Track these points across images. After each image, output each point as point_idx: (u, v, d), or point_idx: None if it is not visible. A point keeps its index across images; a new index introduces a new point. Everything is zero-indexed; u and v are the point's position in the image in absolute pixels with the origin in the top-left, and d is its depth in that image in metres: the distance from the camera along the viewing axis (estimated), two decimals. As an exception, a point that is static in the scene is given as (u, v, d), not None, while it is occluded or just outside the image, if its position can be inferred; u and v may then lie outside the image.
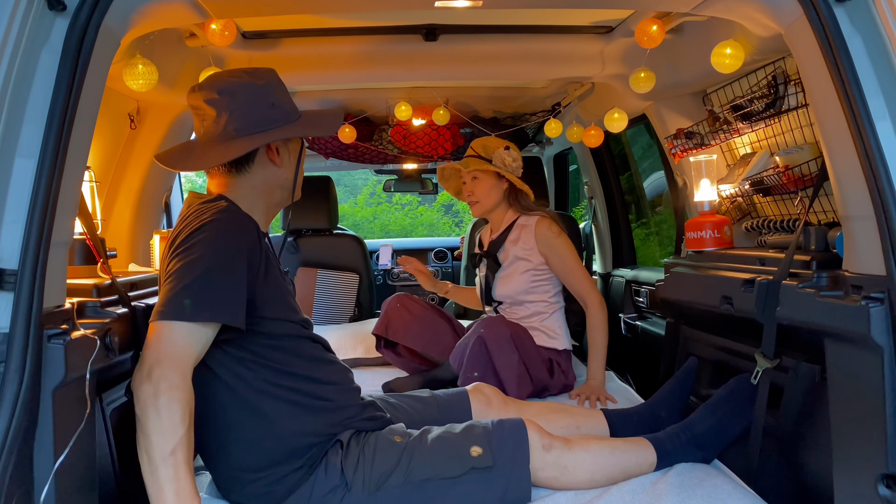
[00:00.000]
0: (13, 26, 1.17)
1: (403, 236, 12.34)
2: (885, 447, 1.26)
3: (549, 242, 2.55)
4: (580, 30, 2.53)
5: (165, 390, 1.33)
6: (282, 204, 1.71)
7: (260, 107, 1.57)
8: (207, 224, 1.46)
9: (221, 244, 1.45)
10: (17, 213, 1.20)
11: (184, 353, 1.38)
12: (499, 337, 2.30)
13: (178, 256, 1.44)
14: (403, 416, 1.82)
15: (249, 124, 1.56)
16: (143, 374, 1.36)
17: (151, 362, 1.36)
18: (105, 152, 2.37)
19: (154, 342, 1.38)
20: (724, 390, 1.92)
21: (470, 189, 2.66)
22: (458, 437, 1.63)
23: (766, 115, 2.10)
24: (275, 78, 1.63)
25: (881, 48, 1.29)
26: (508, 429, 1.65)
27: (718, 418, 1.84)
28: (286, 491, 1.55)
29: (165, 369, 1.34)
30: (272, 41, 2.52)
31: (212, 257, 1.43)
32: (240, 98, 1.55)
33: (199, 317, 1.40)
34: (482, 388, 2.02)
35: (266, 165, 1.63)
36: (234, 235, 1.48)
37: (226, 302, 1.42)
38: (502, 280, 2.62)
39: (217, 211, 1.50)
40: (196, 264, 1.42)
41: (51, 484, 1.21)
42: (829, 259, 1.67)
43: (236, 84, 1.57)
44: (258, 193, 1.64)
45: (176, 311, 1.38)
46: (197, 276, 1.41)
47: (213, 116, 1.56)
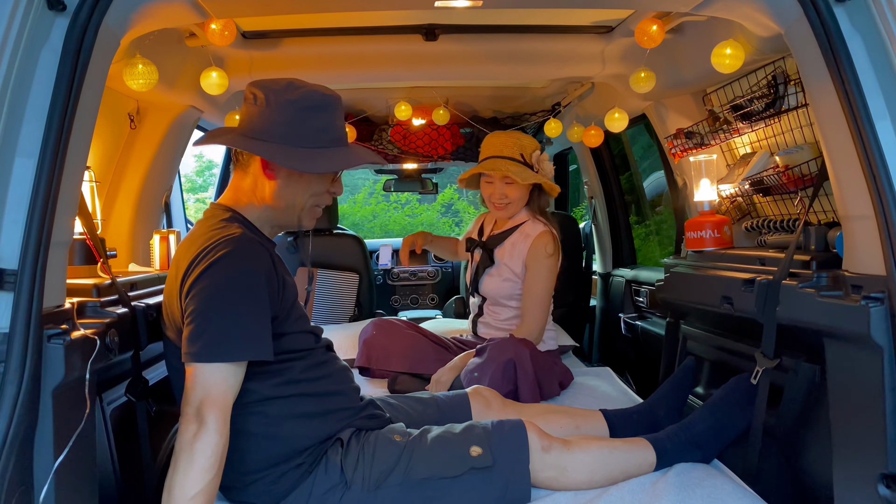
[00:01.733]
0: (13, 26, 1.17)
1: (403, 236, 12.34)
2: (885, 447, 1.26)
3: (537, 258, 2.51)
4: (580, 30, 2.53)
5: (205, 434, 1.36)
6: (286, 226, 1.69)
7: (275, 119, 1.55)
8: (224, 255, 1.45)
9: (243, 276, 1.46)
10: (16, 212, 1.20)
11: (226, 394, 1.41)
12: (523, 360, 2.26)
13: (199, 291, 1.43)
14: (403, 417, 1.82)
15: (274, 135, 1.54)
16: (191, 412, 1.38)
17: (199, 403, 1.38)
18: (105, 152, 2.37)
19: (198, 384, 1.39)
20: (724, 390, 1.91)
21: (503, 192, 2.56)
22: (458, 437, 1.63)
23: (766, 115, 2.10)
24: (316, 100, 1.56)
25: (881, 48, 1.29)
26: (508, 429, 1.66)
27: (718, 418, 1.84)
28: (286, 489, 1.55)
29: (211, 411, 1.37)
30: (272, 41, 2.52)
31: (235, 292, 1.44)
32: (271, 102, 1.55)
33: (235, 356, 1.42)
34: (481, 390, 2.02)
35: (259, 175, 1.60)
36: (253, 267, 1.48)
37: (256, 337, 1.44)
38: (490, 278, 2.62)
39: (232, 239, 1.49)
40: (221, 301, 1.43)
41: (51, 484, 1.21)
42: (829, 259, 1.67)
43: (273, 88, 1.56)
44: (261, 202, 1.63)
45: (211, 353, 1.40)
46: (224, 313, 1.42)
47: (249, 106, 1.59)
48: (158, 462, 1.89)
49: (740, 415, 1.85)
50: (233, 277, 1.45)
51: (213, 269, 1.44)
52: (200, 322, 1.41)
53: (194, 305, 1.43)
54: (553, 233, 2.55)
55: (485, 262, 2.63)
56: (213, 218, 1.60)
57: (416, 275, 4.89)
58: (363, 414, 1.69)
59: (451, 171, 14.47)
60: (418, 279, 4.90)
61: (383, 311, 4.16)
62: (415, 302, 4.88)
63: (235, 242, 1.49)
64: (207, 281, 1.44)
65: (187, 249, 1.53)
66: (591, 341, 4.19)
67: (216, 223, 1.57)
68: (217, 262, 1.45)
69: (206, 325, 1.41)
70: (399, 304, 4.86)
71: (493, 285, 2.60)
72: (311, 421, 1.59)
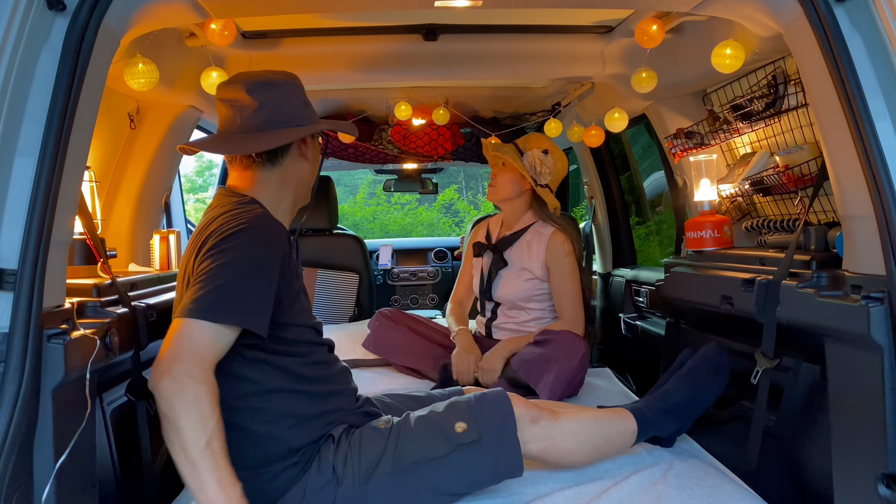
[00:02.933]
0: (13, 26, 1.17)
1: (403, 236, 12.34)
2: (885, 447, 1.26)
3: (557, 258, 2.51)
4: (580, 30, 2.53)
5: (190, 384, 1.33)
6: (300, 203, 1.73)
7: (296, 104, 1.64)
8: (245, 228, 1.47)
9: (258, 250, 1.46)
10: (16, 212, 1.20)
11: (205, 351, 1.38)
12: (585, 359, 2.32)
13: (211, 256, 1.44)
14: (397, 414, 1.82)
15: (287, 118, 1.62)
16: (162, 369, 1.34)
17: (171, 358, 1.35)
18: (105, 152, 2.37)
19: (175, 338, 1.37)
20: (696, 360, 1.94)
21: (495, 172, 2.63)
22: (442, 416, 1.62)
23: (766, 115, 2.10)
24: (299, 80, 1.69)
25: (881, 48, 1.29)
26: (491, 400, 1.64)
27: (692, 388, 1.87)
28: (281, 488, 1.55)
29: (186, 364, 1.34)
30: (272, 41, 2.52)
31: (247, 262, 1.44)
32: (279, 93, 1.62)
33: (225, 318, 1.40)
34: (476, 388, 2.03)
35: (297, 160, 1.66)
36: (271, 243, 1.49)
37: (253, 308, 1.43)
38: (506, 281, 2.59)
39: (255, 216, 1.51)
40: (230, 267, 1.42)
41: (51, 484, 1.21)
42: (829, 259, 1.67)
43: (276, 81, 1.63)
44: (286, 188, 1.66)
45: (202, 310, 1.38)
46: (230, 278, 1.41)
47: (252, 108, 1.60)
48: (158, 462, 1.89)
49: (713, 384, 1.89)
50: (247, 247, 1.45)
51: (231, 238, 1.45)
52: (205, 283, 1.40)
53: (202, 267, 1.43)
54: (567, 233, 2.56)
55: (497, 263, 2.61)
56: (229, 202, 1.59)
57: (416, 275, 4.89)
58: (359, 412, 1.69)
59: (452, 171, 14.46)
60: (418, 279, 4.90)
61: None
62: (415, 302, 4.88)
63: (260, 219, 1.51)
64: (222, 248, 1.44)
65: (203, 230, 1.53)
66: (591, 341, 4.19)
67: (234, 204, 1.57)
68: (237, 233, 1.46)
69: (208, 286, 1.40)
70: (399, 304, 4.86)
71: (513, 288, 2.57)
72: (308, 421, 1.58)
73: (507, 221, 2.70)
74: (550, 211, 2.59)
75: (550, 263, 2.53)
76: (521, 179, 2.57)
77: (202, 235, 1.51)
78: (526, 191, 2.59)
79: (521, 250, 2.59)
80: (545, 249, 2.54)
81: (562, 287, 2.53)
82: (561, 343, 2.30)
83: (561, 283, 2.53)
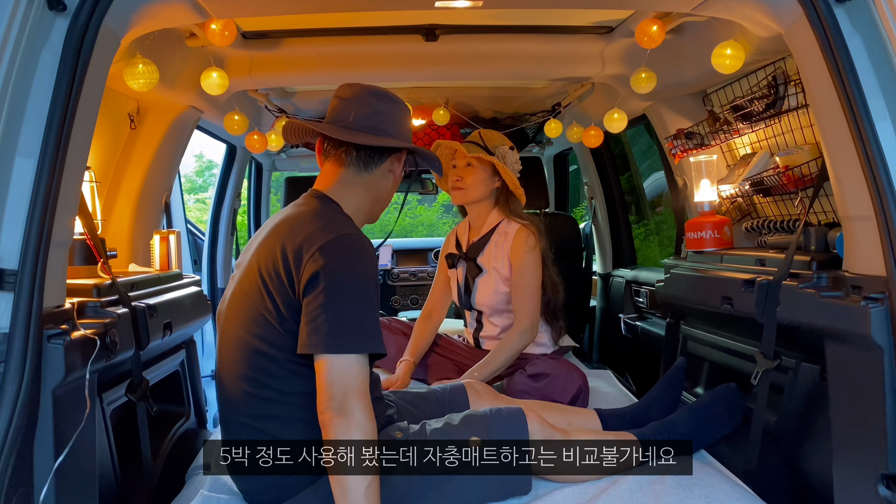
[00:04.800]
0: (13, 26, 1.17)
1: (403, 236, 12.33)
2: (885, 447, 1.26)
3: (520, 254, 2.46)
4: (580, 30, 2.53)
5: (356, 424, 1.36)
6: (370, 218, 1.74)
7: (404, 124, 1.69)
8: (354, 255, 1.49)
9: (369, 275, 1.49)
10: (16, 212, 1.20)
11: (364, 383, 1.41)
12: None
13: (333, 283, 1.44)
14: (405, 414, 1.82)
15: (394, 131, 1.65)
16: (335, 406, 1.38)
17: (342, 395, 1.38)
18: (105, 152, 2.37)
19: (338, 375, 1.39)
20: (709, 396, 1.96)
21: (459, 174, 2.51)
22: (457, 428, 1.63)
23: (767, 116, 2.10)
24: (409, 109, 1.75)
25: (881, 48, 1.29)
26: (506, 416, 1.66)
27: (700, 423, 1.89)
28: (295, 488, 1.55)
29: (356, 401, 1.38)
30: (272, 41, 2.52)
31: (364, 288, 1.47)
32: (395, 108, 1.67)
33: (369, 348, 1.43)
34: (474, 384, 2.04)
35: (386, 174, 1.68)
36: (373, 265, 1.53)
37: (379, 332, 1.47)
38: (483, 288, 2.55)
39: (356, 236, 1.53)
40: (357, 297, 1.45)
41: (51, 484, 1.21)
42: (829, 259, 1.67)
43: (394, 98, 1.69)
44: (367, 198, 1.67)
45: (348, 344, 1.41)
46: (359, 309, 1.44)
47: (371, 110, 1.63)
48: (158, 462, 1.89)
49: (722, 422, 1.91)
50: (363, 274, 1.48)
51: (345, 263, 1.46)
52: (335, 313, 1.42)
53: (326, 297, 1.43)
54: (531, 229, 2.49)
55: (472, 271, 2.56)
56: (322, 206, 1.61)
57: (416, 275, 4.88)
58: (383, 417, 1.68)
59: (451, 172, 14.16)
60: (418, 279, 4.89)
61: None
62: (415, 302, 4.88)
63: (360, 239, 1.53)
64: (342, 274, 1.45)
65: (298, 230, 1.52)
66: (590, 342, 4.19)
67: (328, 212, 1.59)
68: (349, 257, 1.47)
69: (341, 317, 1.42)
70: (399, 304, 4.86)
71: (491, 294, 2.53)
72: None
73: (473, 225, 2.63)
74: (521, 206, 2.55)
75: (513, 259, 2.48)
76: (491, 179, 2.51)
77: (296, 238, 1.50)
78: (494, 189, 2.53)
79: (491, 253, 2.54)
80: (511, 247, 2.49)
81: (518, 282, 2.46)
82: (556, 380, 2.28)
83: (518, 279, 2.46)
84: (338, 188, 1.64)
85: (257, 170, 4.40)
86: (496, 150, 2.50)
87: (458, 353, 2.65)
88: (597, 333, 4.09)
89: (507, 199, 2.54)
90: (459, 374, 2.50)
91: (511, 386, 2.32)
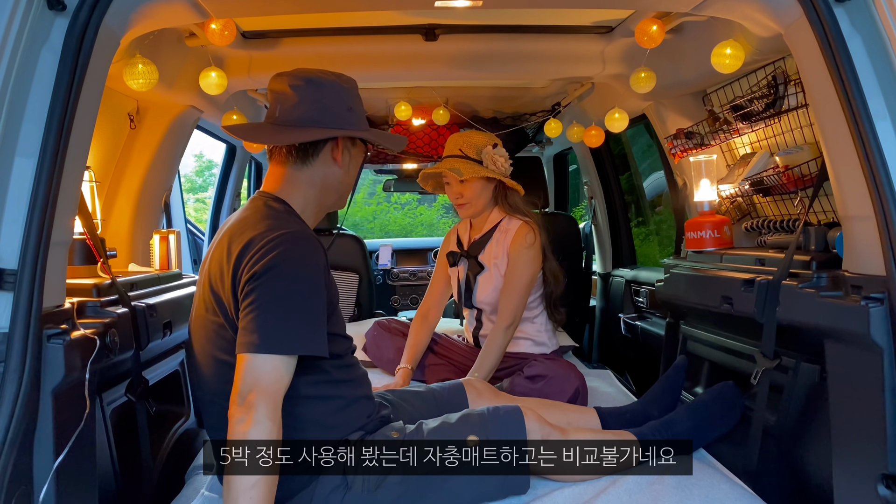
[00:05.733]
0: (13, 26, 1.17)
1: (403, 236, 12.33)
2: (885, 447, 1.26)
3: (517, 250, 2.46)
4: (580, 30, 2.53)
5: (256, 421, 1.34)
6: (331, 208, 1.72)
7: (338, 105, 1.61)
8: (288, 253, 1.45)
9: (306, 275, 1.46)
10: (16, 212, 1.20)
11: (276, 384, 1.39)
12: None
13: (264, 283, 1.42)
14: (402, 412, 1.82)
15: (325, 117, 1.59)
16: (238, 402, 1.37)
17: (246, 391, 1.37)
18: (105, 152, 2.37)
19: (248, 373, 1.38)
20: (708, 395, 1.97)
21: (458, 191, 2.52)
22: (454, 427, 1.63)
23: (766, 115, 2.10)
24: (356, 86, 1.66)
25: (881, 48, 1.29)
26: (504, 415, 1.65)
27: (697, 421, 1.90)
28: (291, 491, 1.55)
29: (262, 400, 1.36)
30: (272, 41, 2.52)
31: (298, 289, 1.44)
32: (321, 91, 1.60)
33: (292, 349, 1.41)
34: (473, 382, 2.04)
35: (328, 163, 1.63)
36: (315, 263, 1.48)
37: (314, 333, 1.44)
38: (484, 285, 2.55)
39: (295, 235, 1.49)
40: (285, 296, 1.42)
41: (51, 484, 1.21)
42: (829, 259, 1.67)
43: (323, 79, 1.61)
44: (314, 191, 1.64)
45: (270, 345, 1.39)
46: (287, 309, 1.42)
47: (293, 101, 1.59)
48: (158, 462, 1.89)
49: (721, 420, 1.92)
50: (297, 273, 1.45)
51: (279, 262, 1.44)
52: (261, 313, 1.41)
53: (255, 296, 1.42)
54: (532, 226, 2.50)
55: (474, 269, 2.57)
56: (266, 207, 1.59)
57: (416, 275, 4.89)
58: (374, 416, 1.68)
59: (451, 172, 14.12)
60: (418, 279, 4.89)
61: (383, 312, 4.16)
62: (415, 302, 4.87)
63: (297, 236, 1.49)
64: (273, 273, 1.43)
65: (240, 235, 1.51)
66: (590, 341, 4.19)
67: (271, 213, 1.56)
68: (282, 256, 1.44)
69: (266, 317, 1.40)
70: (399, 304, 4.86)
71: (489, 292, 2.53)
72: (332, 428, 1.58)
73: (475, 224, 2.64)
74: (520, 198, 2.55)
75: (511, 255, 2.48)
76: (487, 182, 2.51)
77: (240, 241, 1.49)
78: (492, 189, 2.54)
79: (492, 251, 2.54)
80: (510, 244, 2.49)
81: (510, 276, 2.47)
82: (553, 381, 2.29)
83: (510, 273, 2.47)
84: (283, 187, 1.62)
85: (257, 169, 4.40)
86: (481, 154, 2.49)
87: (458, 353, 2.66)
88: (596, 333, 4.09)
89: (506, 195, 2.55)
90: (458, 374, 2.50)
91: (509, 388, 2.33)
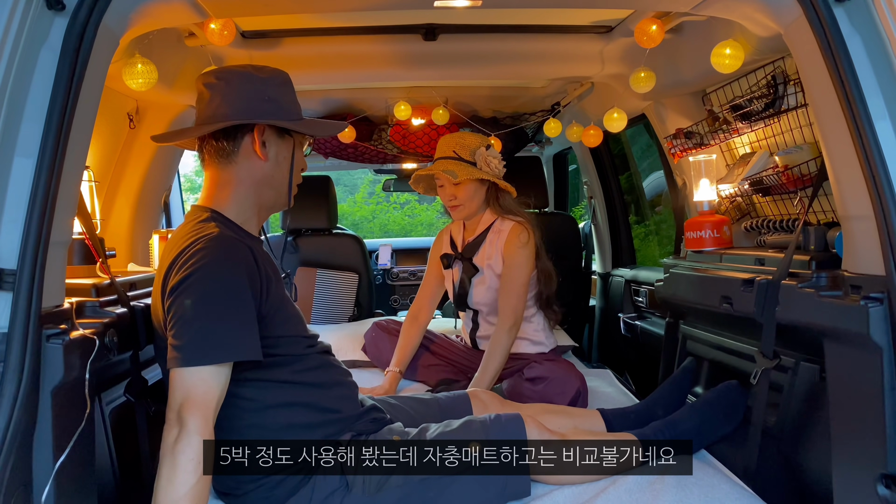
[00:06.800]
0: (12, 25, 1.17)
1: (402, 236, 12.33)
2: (885, 447, 1.26)
3: (512, 250, 2.45)
4: (580, 30, 2.53)
5: (185, 435, 1.32)
6: (275, 207, 1.67)
7: (253, 97, 1.56)
8: (202, 259, 1.42)
9: (223, 278, 1.42)
10: (15, 212, 1.20)
11: (207, 395, 1.37)
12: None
13: (180, 295, 1.40)
14: (403, 417, 1.82)
15: (238, 111, 1.55)
16: (172, 416, 1.36)
17: (177, 406, 1.35)
18: (104, 152, 2.37)
19: (178, 389, 1.36)
20: (712, 394, 1.97)
21: (451, 193, 2.49)
22: (456, 432, 1.63)
23: (766, 115, 2.10)
24: (281, 77, 1.62)
25: (881, 48, 1.29)
26: (506, 422, 1.66)
27: (701, 420, 1.90)
28: (286, 494, 1.54)
29: (193, 413, 1.34)
30: (272, 41, 2.52)
31: (216, 294, 1.41)
32: (234, 85, 1.56)
33: (217, 358, 1.38)
34: (479, 393, 2.02)
35: (250, 157, 1.58)
36: (233, 266, 1.44)
37: (240, 338, 1.41)
38: (479, 287, 2.54)
39: (210, 239, 1.45)
40: (202, 304, 1.39)
41: (51, 484, 1.21)
42: (828, 259, 1.67)
43: (235, 73, 1.59)
44: (244, 189, 1.60)
45: (193, 356, 1.36)
46: (206, 316, 1.39)
47: (206, 99, 1.57)
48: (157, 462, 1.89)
49: (724, 420, 1.92)
50: (212, 278, 1.41)
51: (193, 271, 1.41)
52: (181, 326, 1.38)
53: (175, 309, 1.40)
54: (525, 225, 2.48)
55: (469, 271, 2.56)
56: (192, 220, 1.57)
57: (416, 274, 4.88)
58: (366, 418, 1.68)
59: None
60: (418, 279, 4.89)
61: (383, 311, 4.16)
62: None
63: (213, 241, 1.45)
64: (187, 283, 1.40)
65: (168, 253, 1.51)
66: (590, 341, 4.19)
67: (195, 224, 1.53)
68: (196, 264, 1.41)
69: (186, 329, 1.38)
70: (398, 304, 4.86)
71: (484, 293, 2.53)
72: (312, 429, 1.57)
73: (468, 226, 2.62)
74: (513, 199, 2.54)
75: (506, 256, 2.47)
76: (481, 183, 2.50)
77: (167, 259, 1.49)
78: (486, 190, 2.53)
79: (486, 252, 2.53)
80: (504, 244, 2.49)
81: (507, 277, 2.45)
82: (553, 382, 2.29)
83: (507, 273, 2.46)
84: (216, 194, 1.60)
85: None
86: (475, 156, 2.47)
87: (455, 354, 2.66)
88: (596, 333, 4.09)
89: (497, 196, 2.54)
90: (455, 375, 2.50)
91: (509, 390, 2.32)
